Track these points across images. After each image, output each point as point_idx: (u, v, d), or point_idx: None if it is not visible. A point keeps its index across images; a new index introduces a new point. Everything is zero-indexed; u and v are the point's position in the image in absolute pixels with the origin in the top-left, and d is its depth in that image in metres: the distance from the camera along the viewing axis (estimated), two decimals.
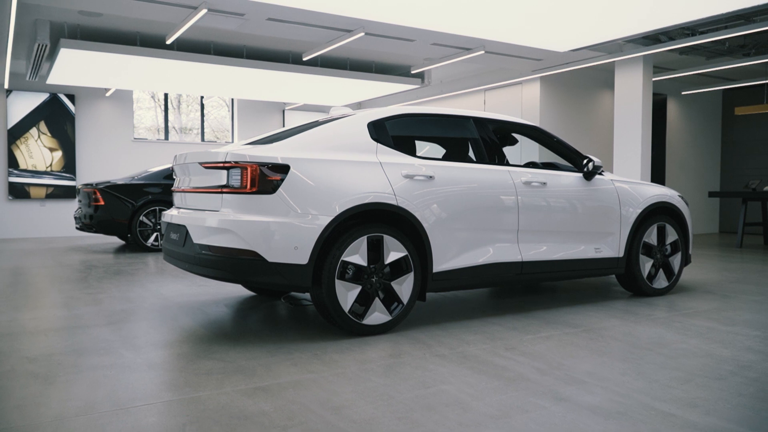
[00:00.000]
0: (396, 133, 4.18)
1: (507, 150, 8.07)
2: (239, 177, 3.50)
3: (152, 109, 13.32)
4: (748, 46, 8.81)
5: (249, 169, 3.48)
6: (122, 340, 3.61)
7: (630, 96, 8.54)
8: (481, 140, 4.39)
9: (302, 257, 3.47)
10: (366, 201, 3.63)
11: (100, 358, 3.23)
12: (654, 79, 9.93)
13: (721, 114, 12.27)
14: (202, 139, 13.35)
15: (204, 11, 6.19)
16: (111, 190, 8.71)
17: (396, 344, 3.51)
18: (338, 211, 3.54)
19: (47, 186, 11.63)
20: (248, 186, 3.48)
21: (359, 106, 14.08)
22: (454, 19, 6.73)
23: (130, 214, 8.69)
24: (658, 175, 11.15)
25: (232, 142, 13.33)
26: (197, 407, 2.50)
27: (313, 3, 6.11)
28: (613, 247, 4.79)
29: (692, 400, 2.56)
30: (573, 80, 10.05)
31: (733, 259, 7.75)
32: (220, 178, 3.59)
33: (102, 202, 8.61)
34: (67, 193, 11.77)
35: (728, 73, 10.37)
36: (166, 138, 12.91)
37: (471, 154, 4.51)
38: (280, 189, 3.50)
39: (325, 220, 3.51)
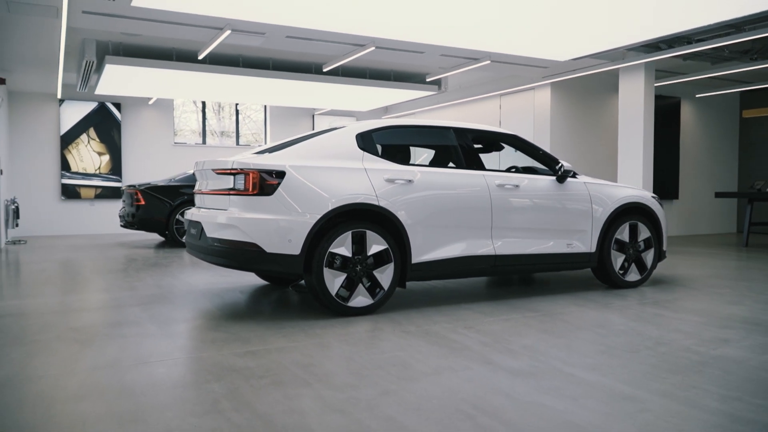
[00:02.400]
0: (384, 143, 4.81)
1: (522, 156, 8.57)
2: (243, 181, 4.18)
3: (195, 113, 14.23)
4: (752, 51, 9.08)
5: (251, 175, 4.16)
6: (149, 317, 4.34)
7: (632, 101, 8.93)
8: (459, 148, 4.98)
9: (295, 248, 4.13)
10: (350, 201, 4.26)
11: (130, 329, 3.97)
12: (663, 83, 10.26)
13: (738, 116, 12.43)
14: (237, 143, 14.20)
15: (228, 32, 6.93)
16: (151, 190, 9.59)
17: (374, 323, 4.13)
18: (325, 210, 4.18)
19: (96, 187, 12.65)
20: (250, 189, 4.16)
21: (386, 110, 14.73)
22: (458, 34, 7.29)
23: (167, 212, 9.54)
24: (672, 177, 11.43)
25: (265, 144, 14.14)
26: (198, 363, 3.19)
27: (325, 23, 6.76)
28: (585, 243, 5.30)
29: (597, 366, 3.11)
30: (582, 85, 10.45)
31: (730, 258, 8.08)
32: (229, 182, 4.29)
33: (143, 202, 9.49)
34: (114, 193, 12.76)
35: (742, 76, 10.58)
36: (204, 142, 13.80)
37: (452, 159, 5.10)
38: (277, 191, 4.16)
39: (315, 218, 4.16)
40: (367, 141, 4.62)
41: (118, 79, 9.67)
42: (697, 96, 11.63)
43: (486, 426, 2.33)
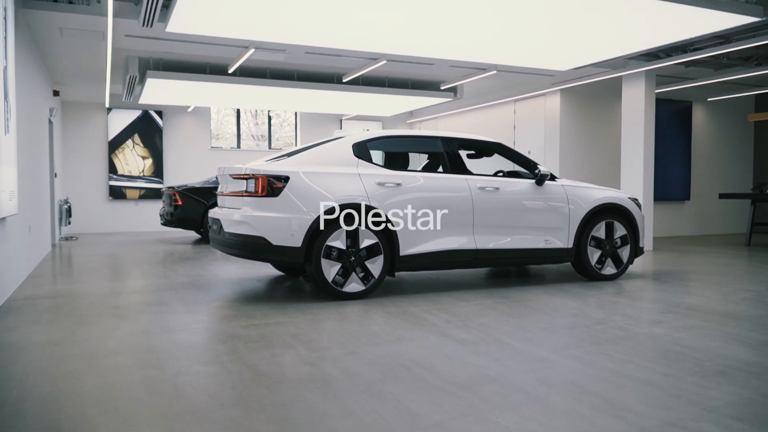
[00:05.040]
0: (377, 151, 5.52)
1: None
2: (254, 185, 4.95)
3: (235, 118, 15.17)
4: (753, 58, 9.45)
5: (260, 179, 4.93)
6: (177, 299, 5.15)
7: (634, 106, 9.40)
8: (446, 154, 5.65)
9: (297, 241, 4.88)
10: (345, 202, 4.98)
11: (160, 307, 4.78)
12: (673, 88, 10.66)
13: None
14: (269, 147, 15.12)
15: (252, 50, 7.75)
16: (187, 191, 10.51)
17: (364, 305, 4.84)
18: (323, 209, 4.91)
19: (140, 188, 13.72)
20: (260, 191, 4.93)
21: (410, 115, 15.42)
22: (464, 48, 7.91)
23: (202, 211, 10.44)
24: (683, 178, 11.76)
25: (296, 147, 14.95)
26: (209, 331, 3.96)
27: (339, 42, 7.48)
28: (563, 239, 5.89)
29: (532, 338, 3.75)
30: (590, 91, 10.92)
31: (726, 256, 8.48)
32: (242, 185, 5.06)
33: (180, 202, 10.42)
34: (156, 194, 13.79)
35: (755, 80, 10.84)
36: (239, 146, 14.76)
37: (440, 165, 5.77)
38: (282, 193, 4.92)
39: (314, 216, 4.90)
40: (361, 149, 5.33)
41: (159, 90, 10.61)
42: (708, 100, 11.94)
43: (418, 374, 3.02)
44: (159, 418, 2.47)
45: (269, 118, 15.26)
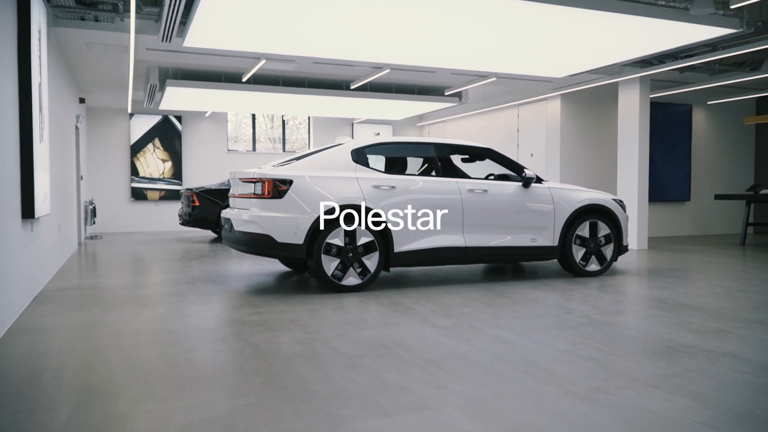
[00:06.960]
0: (376, 155, 6.01)
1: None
2: (261, 187, 5.47)
3: (251, 120, 15.77)
4: (747, 63, 9.78)
5: (266, 183, 5.45)
6: (191, 290, 5.69)
7: (630, 111, 9.78)
8: (438, 159, 6.12)
9: (299, 239, 5.39)
10: (343, 203, 5.48)
11: (176, 297, 5.32)
12: (673, 92, 11.00)
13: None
14: (284, 150, 15.68)
15: (263, 61, 8.29)
16: (204, 193, 11.10)
17: (361, 298, 5.33)
18: (323, 209, 5.42)
19: (160, 190, 14.36)
20: (266, 193, 5.44)
21: (420, 118, 15.90)
22: (462, 58, 8.37)
23: (218, 212, 11.00)
24: (683, 180, 12.09)
25: (308, 149, 15.46)
26: (219, 318, 4.49)
27: (344, 53, 7.99)
28: (548, 238, 6.33)
29: (503, 324, 4.21)
30: (590, 96, 11.30)
31: (717, 255, 8.83)
32: (251, 188, 5.59)
33: (197, 203, 11.00)
34: (175, 195, 14.42)
35: (755, 83, 11.12)
36: (254, 149, 15.35)
37: (432, 169, 6.24)
38: (286, 194, 5.43)
39: (315, 216, 5.40)
40: (359, 155, 5.83)
41: (178, 97, 11.21)
42: (708, 103, 12.25)
43: (394, 352, 3.50)
44: (173, 382, 2.99)
45: (283, 122, 15.83)
